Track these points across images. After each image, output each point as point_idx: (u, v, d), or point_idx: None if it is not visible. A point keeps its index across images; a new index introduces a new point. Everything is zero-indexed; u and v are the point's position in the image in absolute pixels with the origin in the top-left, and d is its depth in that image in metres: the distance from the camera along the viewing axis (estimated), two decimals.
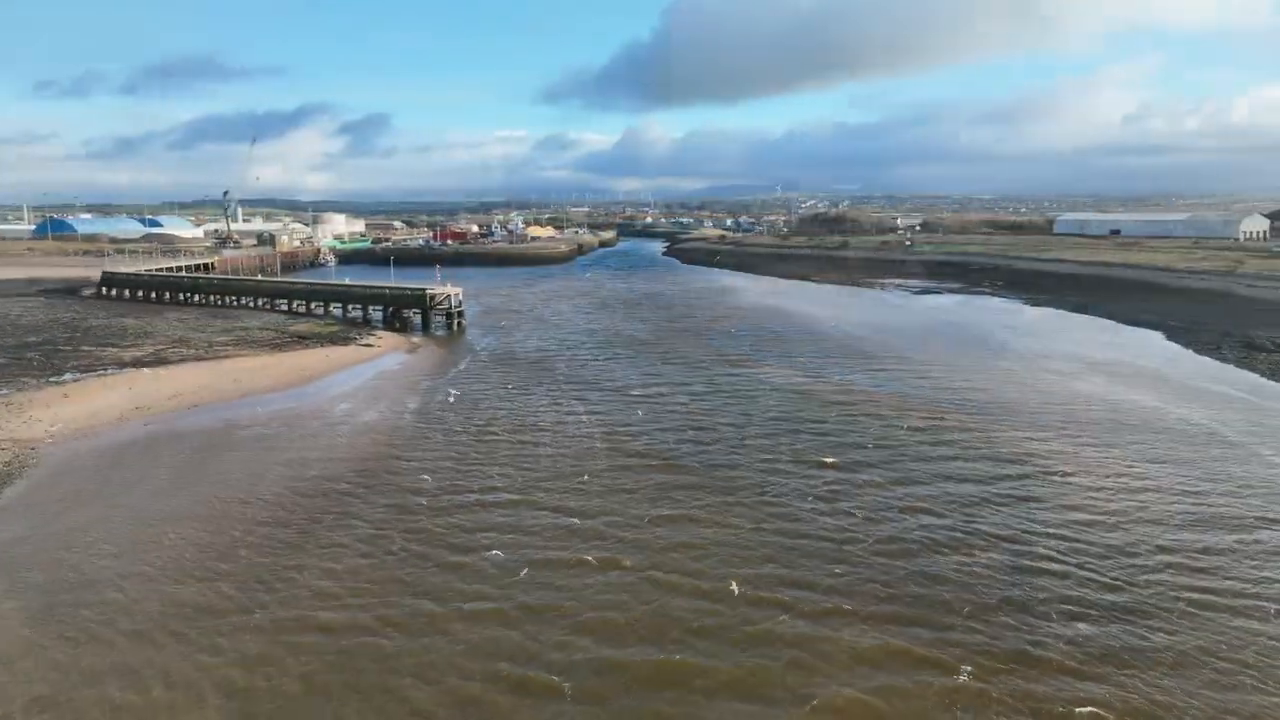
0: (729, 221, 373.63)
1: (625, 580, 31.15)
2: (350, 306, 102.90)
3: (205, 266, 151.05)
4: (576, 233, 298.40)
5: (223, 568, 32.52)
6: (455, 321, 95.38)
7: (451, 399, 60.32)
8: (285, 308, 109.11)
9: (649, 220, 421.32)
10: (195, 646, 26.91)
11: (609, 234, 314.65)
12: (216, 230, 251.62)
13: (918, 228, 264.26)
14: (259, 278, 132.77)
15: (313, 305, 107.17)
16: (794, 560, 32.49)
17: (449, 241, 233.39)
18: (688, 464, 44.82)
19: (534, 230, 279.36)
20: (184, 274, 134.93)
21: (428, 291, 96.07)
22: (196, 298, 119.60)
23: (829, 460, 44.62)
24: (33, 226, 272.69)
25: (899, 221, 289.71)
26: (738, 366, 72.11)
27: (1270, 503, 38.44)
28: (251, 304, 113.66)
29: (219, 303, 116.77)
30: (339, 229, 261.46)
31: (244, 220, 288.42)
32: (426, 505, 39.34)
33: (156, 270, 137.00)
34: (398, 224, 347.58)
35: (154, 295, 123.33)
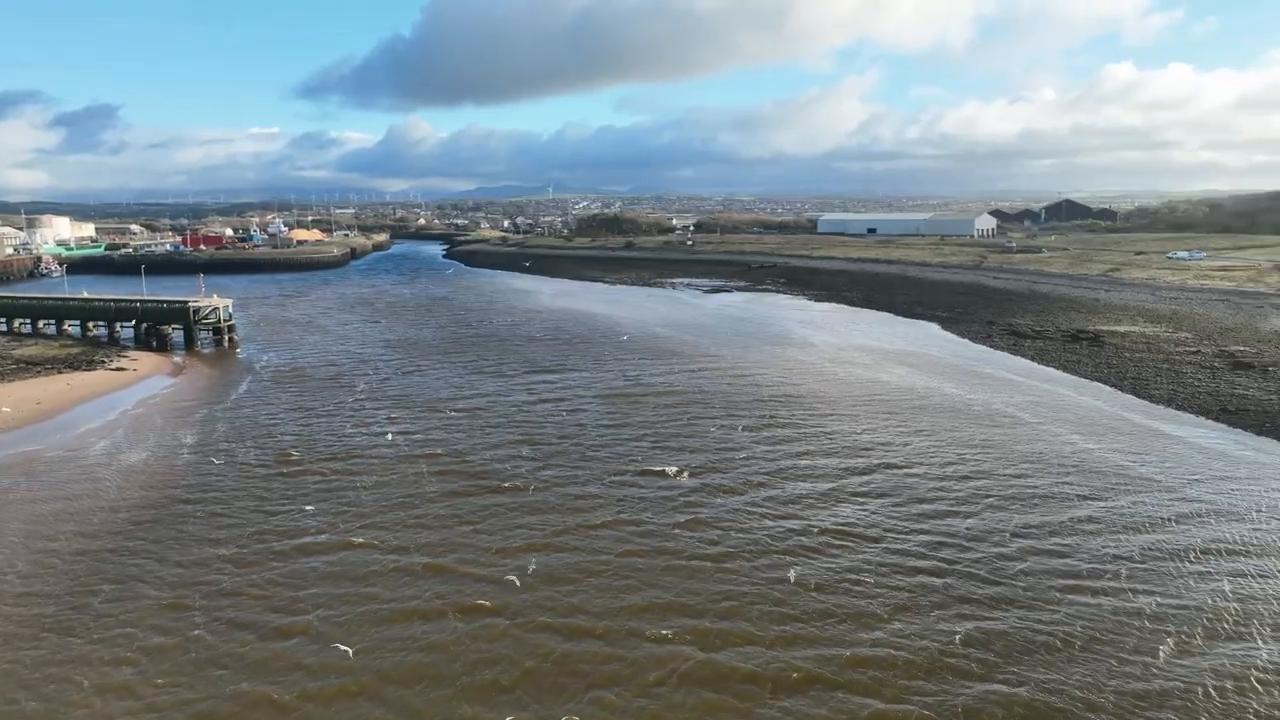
0: (506, 223, 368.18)
1: (498, 629, 27.25)
2: (92, 324, 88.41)
3: None
4: (346, 235, 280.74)
5: None
6: (226, 337, 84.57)
7: (241, 426, 52.51)
8: (4, 327, 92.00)
9: (422, 222, 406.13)
10: None
11: (381, 236, 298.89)
12: None
13: (692, 228, 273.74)
14: None
15: (40, 324, 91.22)
16: (676, 585, 30.07)
17: (202, 247, 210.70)
18: (532, 484, 41.19)
19: (299, 234, 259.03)
20: None
21: (190, 304, 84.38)
22: None
23: (679, 469, 42.76)
24: None
25: (674, 222, 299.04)
26: (553, 373, 69.04)
27: (1084, 479, 41.18)
28: None
29: None
30: (63, 234, 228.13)
31: None
32: (230, 559, 33.04)
33: None
34: (135, 228, 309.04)
35: None
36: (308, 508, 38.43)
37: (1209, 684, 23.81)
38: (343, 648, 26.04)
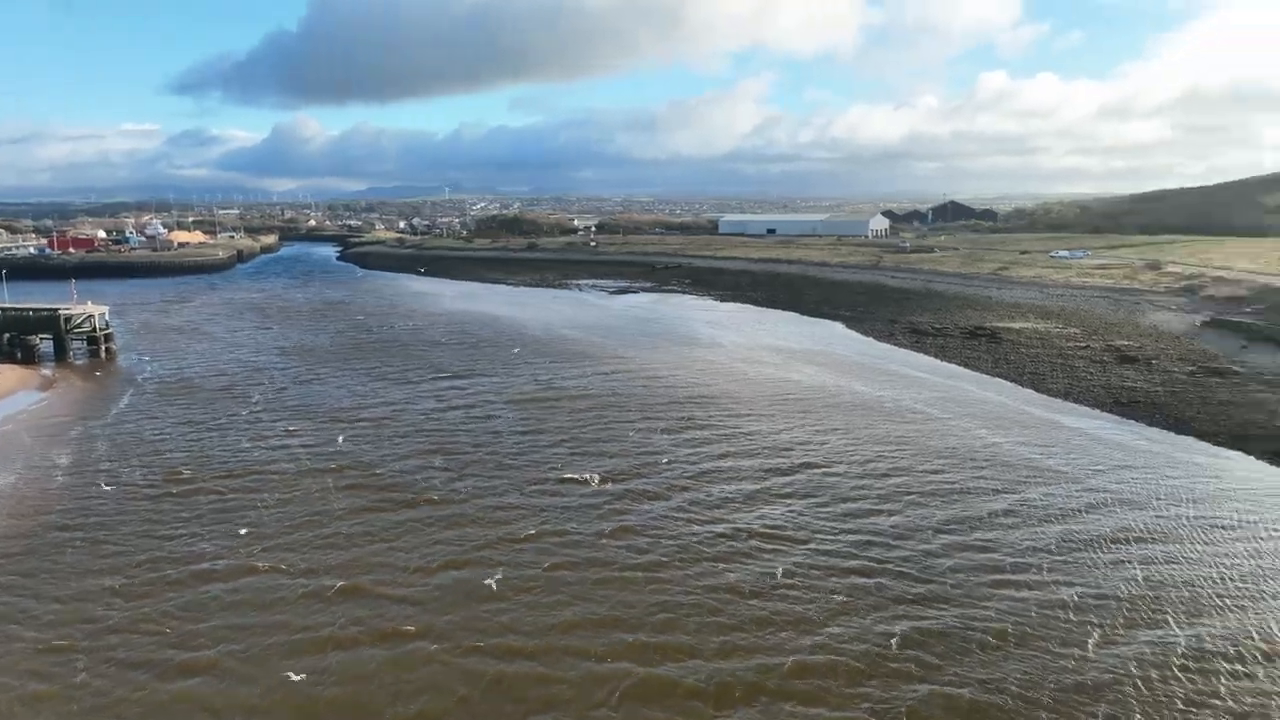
0: (403, 224, 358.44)
1: (423, 654, 25.60)
2: None
3: None
4: (232, 237, 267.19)
5: None
6: (103, 347, 78.62)
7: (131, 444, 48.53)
8: None
9: (313, 223, 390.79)
10: None
11: (270, 238, 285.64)
12: None
13: (594, 229, 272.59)
14: None
15: None
16: (609, 598, 29.03)
17: (72, 250, 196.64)
18: (448, 496, 39.42)
19: (180, 235, 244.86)
20: None
21: (61, 312, 78.11)
22: None
23: (600, 476, 41.72)
24: None
25: (576, 223, 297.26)
26: (462, 378, 66.90)
27: (997, 472, 42.24)
28: None
29: None
30: None
31: None
32: (118, 591, 30.19)
33: None
34: None
35: None
36: (200, 530, 35.63)
37: (1135, 673, 24.36)
38: (252, 685, 23.94)
